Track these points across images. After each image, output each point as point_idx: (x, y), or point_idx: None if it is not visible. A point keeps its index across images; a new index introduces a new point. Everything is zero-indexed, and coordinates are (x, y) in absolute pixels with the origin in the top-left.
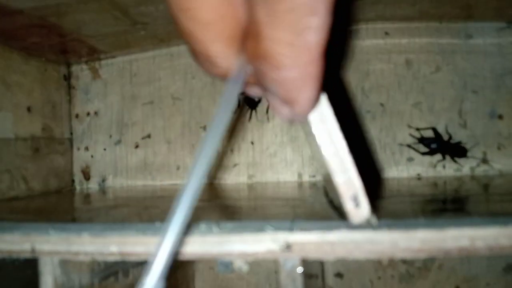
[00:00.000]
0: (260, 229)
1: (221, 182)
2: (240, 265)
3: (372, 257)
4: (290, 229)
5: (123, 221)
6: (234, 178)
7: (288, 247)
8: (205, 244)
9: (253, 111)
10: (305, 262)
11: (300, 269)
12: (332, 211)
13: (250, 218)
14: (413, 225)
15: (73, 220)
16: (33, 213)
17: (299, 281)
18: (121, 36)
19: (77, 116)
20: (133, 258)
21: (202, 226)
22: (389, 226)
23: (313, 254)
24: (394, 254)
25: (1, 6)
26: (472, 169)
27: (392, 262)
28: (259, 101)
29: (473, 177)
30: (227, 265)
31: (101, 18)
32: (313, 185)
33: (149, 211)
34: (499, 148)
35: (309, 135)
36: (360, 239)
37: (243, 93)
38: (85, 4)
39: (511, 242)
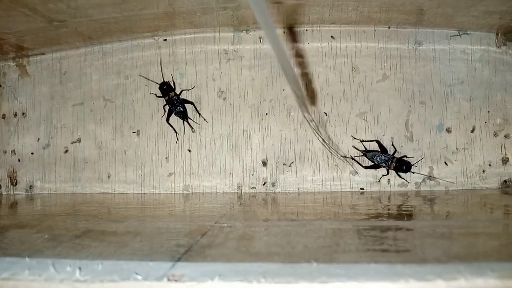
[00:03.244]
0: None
1: (155, 192)
2: None
3: None
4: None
5: None
6: (169, 188)
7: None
8: None
9: (185, 122)
10: None
11: None
12: None
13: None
14: None
15: None
16: None
17: None
18: (41, 33)
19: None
20: None
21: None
22: None
23: None
24: None
25: None
26: (417, 184)
27: None
28: (185, 111)
29: (417, 193)
30: None
31: (11, 16)
32: (253, 197)
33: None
34: (446, 164)
35: None
36: None
37: (173, 109)
38: None
39: None
